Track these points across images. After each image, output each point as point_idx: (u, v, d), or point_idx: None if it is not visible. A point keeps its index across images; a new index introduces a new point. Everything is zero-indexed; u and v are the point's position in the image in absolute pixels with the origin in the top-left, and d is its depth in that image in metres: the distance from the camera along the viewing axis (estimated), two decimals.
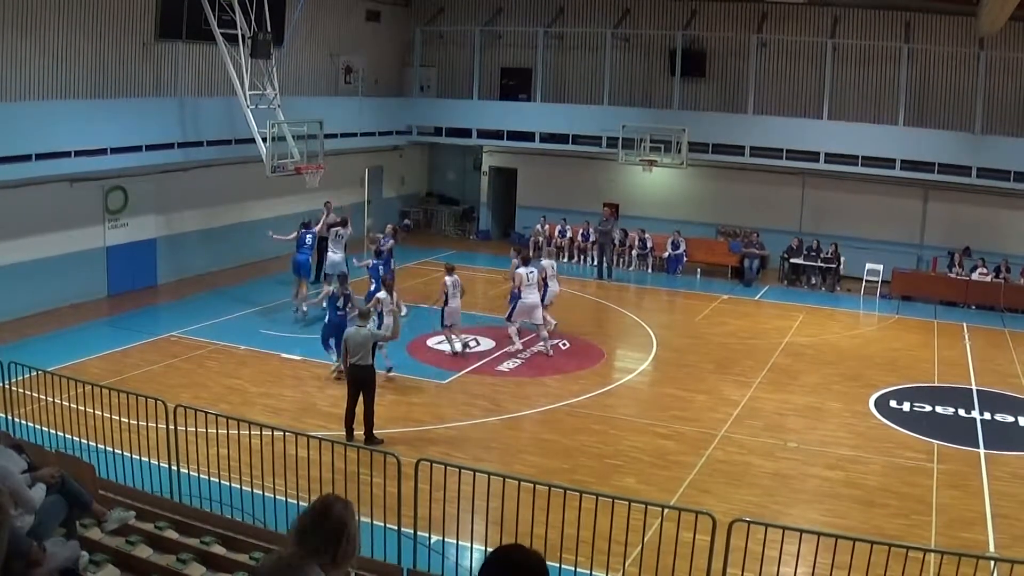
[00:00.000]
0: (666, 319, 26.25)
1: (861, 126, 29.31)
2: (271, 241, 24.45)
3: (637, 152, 30.72)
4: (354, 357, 15.70)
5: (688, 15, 32.26)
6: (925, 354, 22.95)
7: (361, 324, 16.07)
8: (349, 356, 15.76)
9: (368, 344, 15.80)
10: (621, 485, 14.24)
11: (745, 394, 19.30)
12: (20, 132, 20.92)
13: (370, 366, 15.84)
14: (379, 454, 10.99)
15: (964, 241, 29.40)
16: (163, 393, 14.11)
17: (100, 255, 25.03)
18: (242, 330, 22.29)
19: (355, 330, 15.90)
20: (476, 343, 22.08)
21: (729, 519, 9.70)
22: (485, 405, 18.17)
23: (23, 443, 10.25)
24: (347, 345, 15.81)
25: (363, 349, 15.69)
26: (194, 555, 9.25)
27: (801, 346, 23.18)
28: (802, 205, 31.89)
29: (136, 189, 25.57)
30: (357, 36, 33.99)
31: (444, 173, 39.31)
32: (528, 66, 34.64)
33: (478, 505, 10.91)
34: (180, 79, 26.51)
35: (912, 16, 29.65)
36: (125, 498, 10.55)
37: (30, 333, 21.30)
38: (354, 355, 15.70)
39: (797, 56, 31.24)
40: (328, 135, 26.64)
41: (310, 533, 4.79)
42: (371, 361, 15.86)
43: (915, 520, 13.64)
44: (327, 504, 4.93)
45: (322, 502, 4.95)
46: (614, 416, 17.83)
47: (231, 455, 12.44)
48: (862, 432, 17.37)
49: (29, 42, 22.20)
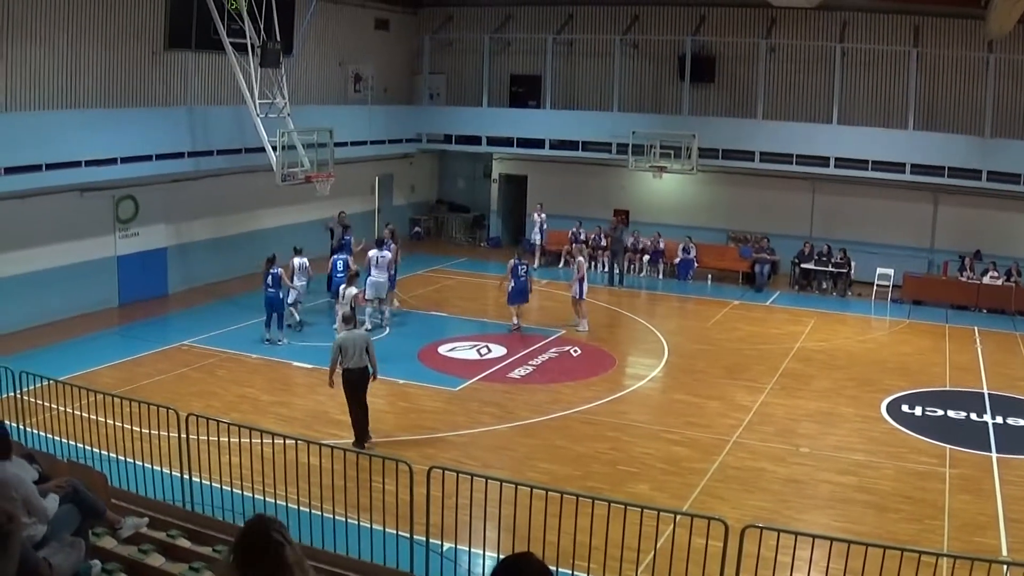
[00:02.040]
0: (677, 325, 26.22)
1: (871, 130, 29.26)
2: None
3: (647, 158, 30.67)
4: (349, 362, 15.62)
5: (697, 21, 32.24)
6: (936, 358, 22.89)
7: (348, 328, 16.10)
8: (344, 361, 15.63)
9: (362, 347, 15.67)
10: (633, 492, 14.22)
11: (757, 400, 19.27)
12: (30, 142, 21.00)
13: (365, 368, 15.74)
14: (391, 462, 10.98)
15: (975, 245, 29.33)
16: (175, 402, 14.11)
17: (111, 264, 25.09)
18: (253, 339, 22.30)
19: (348, 334, 15.85)
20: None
21: (741, 525, 9.67)
22: (497, 412, 18.17)
23: (35, 453, 10.27)
24: (343, 350, 15.65)
25: (358, 352, 15.61)
26: (206, 564, 9.24)
27: (812, 351, 23.14)
28: (812, 210, 31.83)
29: (146, 198, 25.63)
30: (366, 44, 34.05)
31: (454, 181, 39.32)
32: (537, 73, 34.65)
33: (490, 512, 10.90)
34: (190, 88, 26.59)
35: (921, 20, 29.60)
36: (137, 507, 10.55)
37: (41, 343, 21.35)
38: (349, 360, 15.61)
39: (806, 61, 31.20)
40: (338, 143, 26.65)
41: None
42: (366, 364, 15.73)
43: (927, 525, 13.60)
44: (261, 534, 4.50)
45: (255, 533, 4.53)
46: (626, 423, 17.82)
47: (243, 463, 12.45)
48: (874, 437, 17.33)
49: (39, 52, 22.29)
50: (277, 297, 22.05)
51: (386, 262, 23.61)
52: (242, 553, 4.40)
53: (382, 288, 23.67)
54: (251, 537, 4.46)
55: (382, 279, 23.54)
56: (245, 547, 4.42)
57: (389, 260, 23.82)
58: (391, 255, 24.11)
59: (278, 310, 22.17)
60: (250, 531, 4.51)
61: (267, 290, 22.11)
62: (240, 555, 4.40)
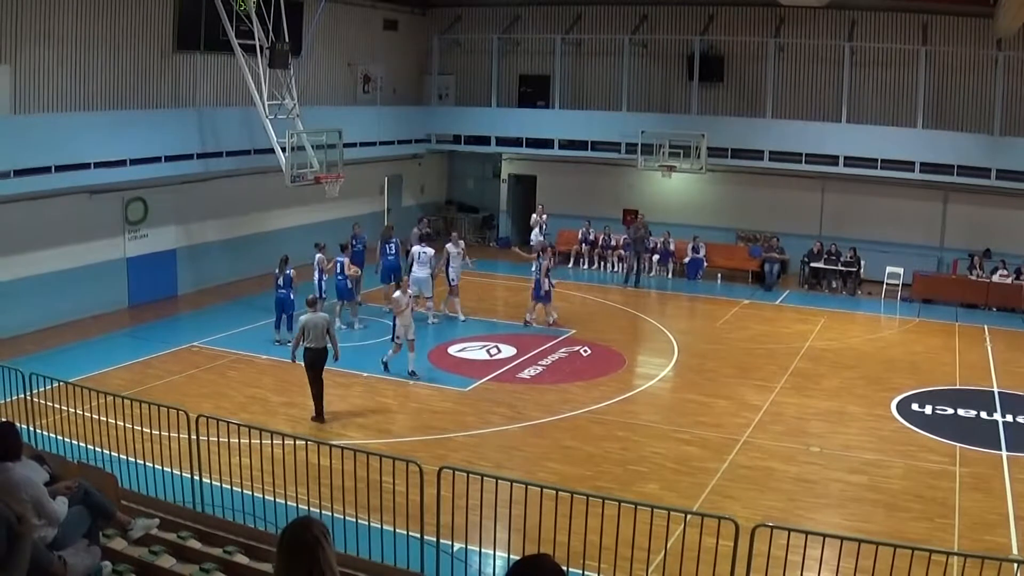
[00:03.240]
0: (687, 324, 26.19)
1: (880, 129, 29.22)
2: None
3: (656, 158, 30.65)
4: (311, 342, 17.06)
5: (706, 20, 32.21)
6: (946, 357, 22.84)
7: (313, 311, 17.52)
8: (304, 340, 17.08)
9: (323, 328, 17.08)
10: (644, 491, 14.23)
11: (767, 399, 19.25)
12: (40, 144, 21.05)
13: (324, 348, 17.19)
14: (401, 462, 10.98)
15: (984, 243, 29.25)
16: (185, 403, 14.15)
17: (120, 266, 25.16)
18: (263, 340, 22.33)
19: (311, 316, 17.23)
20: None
21: (752, 524, 9.66)
22: (507, 412, 18.17)
23: (45, 454, 10.29)
24: (304, 330, 17.08)
25: (319, 332, 17.04)
26: (217, 565, 9.26)
27: (822, 350, 23.11)
28: (822, 209, 31.78)
29: (156, 200, 25.68)
30: (375, 45, 34.07)
31: (463, 181, 39.32)
32: (546, 73, 34.62)
33: (501, 513, 10.90)
34: (199, 90, 26.65)
35: (929, 18, 29.54)
36: (147, 508, 10.57)
37: (51, 344, 21.42)
38: (310, 340, 17.04)
39: (815, 60, 31.17)
40: (347, 144, 26.62)
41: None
42: (326, 344, 17.16)
43: (938, 523, 13.58)
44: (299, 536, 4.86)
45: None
46: (636, 422, 17.82)
47: (253, 464, 12.47)
48: (884, 436, 17.30)
49: (48, 54, 22.36)
50: (289, 298, 22.06)
51: (427, 258, 24.17)
52: (281, 548, 4.77)
53: (425, 284, 24.07)
54: (290, 534, 4.81)
55: (423, 275, 24.07)
56: (284, 542, 4.78)
57: (431, 256, 24.36)
58: (433, 252, 24.68)
59: (289, 311, 22.18)
60: (291, 528, 4.84)
61: (278, 291, 22.14)
62: (279, 550, 4.78)
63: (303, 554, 4.70)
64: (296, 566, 4.69)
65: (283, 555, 4.76)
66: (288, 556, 4.72)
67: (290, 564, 4.71)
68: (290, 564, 4.71)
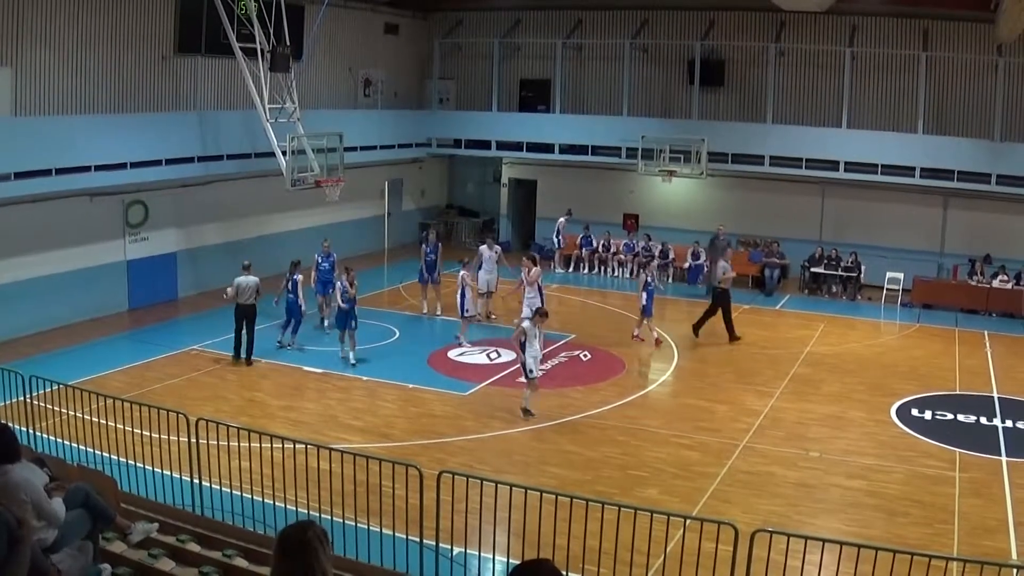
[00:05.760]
0: (686, 329, 26.15)
1: (880, 134, 29.24)
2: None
3: (657, 163, 30.67)
4: (242, 299, 20.76)
5: (706, 25, 32.23)
6: (946, 362, 22.84)
7: (247, 274, 21.03)
8: (239, 297, 20.76)
9: (254, 288, 20.87)
10: (643, 496, 14.22)
11: (767, 404, 19.25)
12: (40, 147, 21.05)
13: (253, 305, 20.94)
14: (401, 466, 10.98)
15: (984, 248, 29.26)
16: (184, 406, 14.14)
17: (120, 269, 25.18)
18: (263, 342, 22.28)
19: (243, 278, 20.91)
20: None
21: (751, 529, 9.65)
22: (506, 417, 18.15)
23: (44, 457, 10.29)
24: (239, 290, 20.78)
25: (250, 291, 20.85)
26: (216, 568, 9.25)
27: (822, 355, 23.11)
28: (822, 214, 31.80)
29: (156, 203, 25.71)
30: (376, 49, 34.10)
31: (464, 185, 39.37)
32: (547, 77, 34.65)
33: (500, 517, 10.89)
34: (199, 93, 26.67)
35: (930, 24, 29.56)
36: (147, 511, 10.57)
37: (51, 347, 21.43)
38: (242, 296, 20.76)
39: (815, 65, 31.20)
40: (348, 148, 26.64)
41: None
42: (254, 301, 20.95)
43: (937, 528, 13.58)
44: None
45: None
46: (636, 427, 17.81)
47: (252, 468, 12.45)
48: (884, 441, 17.30)
49: (49, 57, 22.39)
50: (296, 303, 22.02)
51: (492, 259, 25.68)
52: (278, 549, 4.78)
53: (491, 283, 25.70)
54: (287, 535, 4.85)
55: (492, 276, 25.72)
56: (280, 544, 4.81)
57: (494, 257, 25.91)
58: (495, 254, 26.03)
59: (296, 316, 22.14)
60: (288, 530, 4.89)
61: (288, 295, 22.11)
62: (275, 551, 4.70)
63: (299, 556, 4.68)
64: (291, 568, 4.67)
65: (279, 556, 4.74)
66: (284, 557, 4.70)
67: (286, 565, 4.69)
68: (286, 565, 4.69)
